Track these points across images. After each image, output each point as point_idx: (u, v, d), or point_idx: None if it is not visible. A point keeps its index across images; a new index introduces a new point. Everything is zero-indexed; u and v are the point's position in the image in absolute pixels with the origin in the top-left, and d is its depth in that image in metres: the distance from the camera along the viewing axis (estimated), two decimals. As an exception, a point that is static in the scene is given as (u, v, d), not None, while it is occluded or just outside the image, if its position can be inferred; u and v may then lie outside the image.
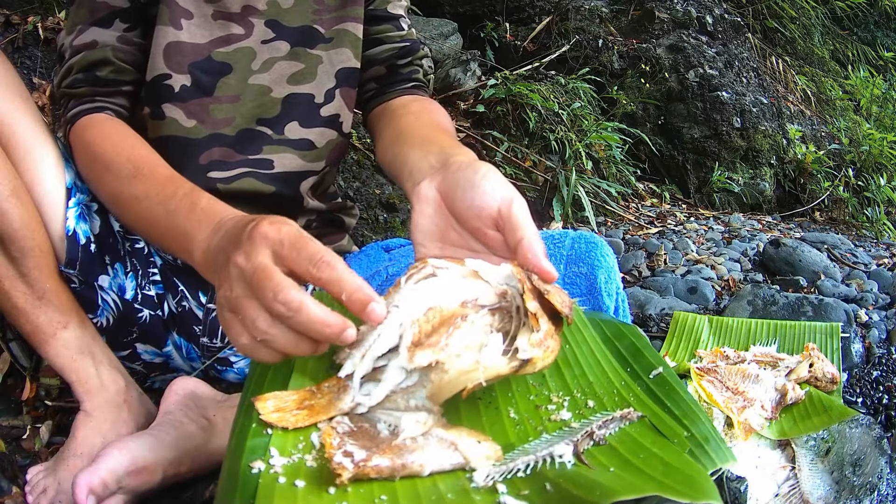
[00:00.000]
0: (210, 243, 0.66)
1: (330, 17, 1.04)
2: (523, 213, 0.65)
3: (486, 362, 0.54)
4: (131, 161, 0.85)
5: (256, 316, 0.55)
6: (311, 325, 0.54)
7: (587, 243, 0.92)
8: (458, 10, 3.35)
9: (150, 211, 0.79)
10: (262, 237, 0.57)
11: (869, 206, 3.74)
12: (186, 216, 0.73)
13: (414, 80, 1.11)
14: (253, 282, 0.55)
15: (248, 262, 0.56)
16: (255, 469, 0.50)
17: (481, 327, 0.57)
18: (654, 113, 3.46)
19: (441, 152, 0.77)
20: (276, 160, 1.02)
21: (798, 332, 1.35)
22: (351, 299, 0.54)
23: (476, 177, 0.68)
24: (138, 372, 1.07)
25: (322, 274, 0.55)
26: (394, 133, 0.96)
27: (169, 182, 0.81)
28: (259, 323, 0.55)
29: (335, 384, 0.58)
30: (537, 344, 0.56)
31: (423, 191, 0.72)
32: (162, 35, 0.95)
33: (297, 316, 0.53)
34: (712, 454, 0.53)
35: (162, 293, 1.05)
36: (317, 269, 0.55)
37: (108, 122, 0.93)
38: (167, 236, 0.77)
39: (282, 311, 0.54)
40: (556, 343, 0.58)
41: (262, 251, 0.56)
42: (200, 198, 0.75)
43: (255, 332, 0.55)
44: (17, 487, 0.94)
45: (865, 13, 5.52)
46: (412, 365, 0.54)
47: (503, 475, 0.50)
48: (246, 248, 0.57)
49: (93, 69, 0.94)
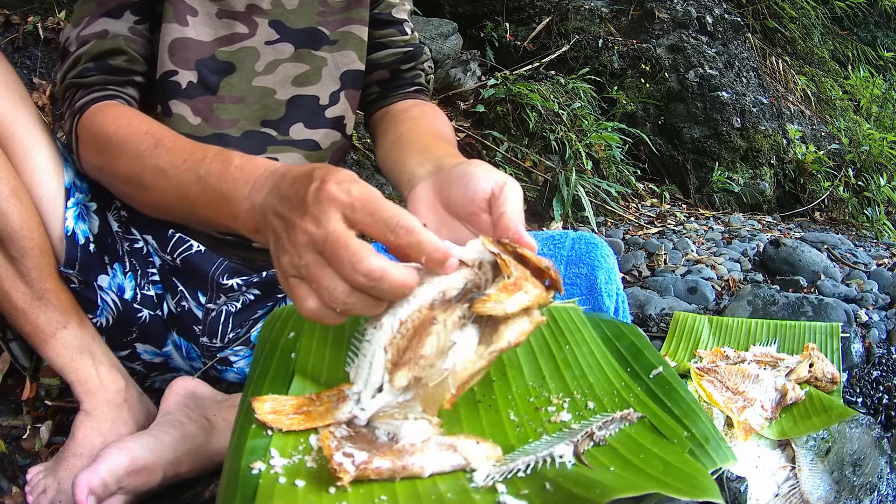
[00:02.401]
0: (254, 201, 0.63)
1: (335, 18, 1.04)
2: (514, 194, 0.64)
3: (457, 366, 0.53)
4: (150, 133, 0.81)
5: (334, 286, 0.53)
6: (394, 290, 0.52)
7: (587, 244, 0.92)
8: (458, 10, 3.35)
9: (179, 179, 0.76)
10: (330, 200, 0.53)
11: (869, 206, 3.74)
12: (220, 177, 0.69)
13: (416, 84, 1.11)
14: (327, 250, 0.53)
15: (318, 229, 0.53)
16: (255, 469, 0.50)
17: (453, 324, 0.55)
18: (654, 113, 3.46)
19: (437, 159, 0.77)
20: (280, 160, 1.02)
21: (798, 332, 1.35)
22: (433, 258, 0.53)
23: (470, 168, 0.68)
24: (138, 372, 1.07)
25: (401, 240, 0.53)
26: (393, 138, 0.96)
27: (195, 148, 0.77)
28: (337, 293, 0.53)
29: (335, 394, 0.58)
30: (504, 289, 0.53)
31: (417, 192, 0.72)
32: (168, 32, 0.94)
33: (379, 284, 0.52)
34: (712, 454, 0.53)
35: (161, 293, 1.05)
36: (394, 234, 0.53)
37: (121, 106, 0.91)
38: (202, 203, 0.73)
39: (362, 282, 0.52)
40: (535, 287, 0.55)
41: (333, 215, 0.53)
42: (233, 156, 0.71)
43: (333, 302, 0.53)
44: (17, 487, 0.94)
45: (865, 13, 5.52)
46: (395, 388, 0.54)
47: (503, 475, 0.50)
48: (314, 211, 0.54)
49: (105, 58, 0.91)
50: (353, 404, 0.56)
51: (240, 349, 1.07)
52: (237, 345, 1.06)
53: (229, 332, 1.04)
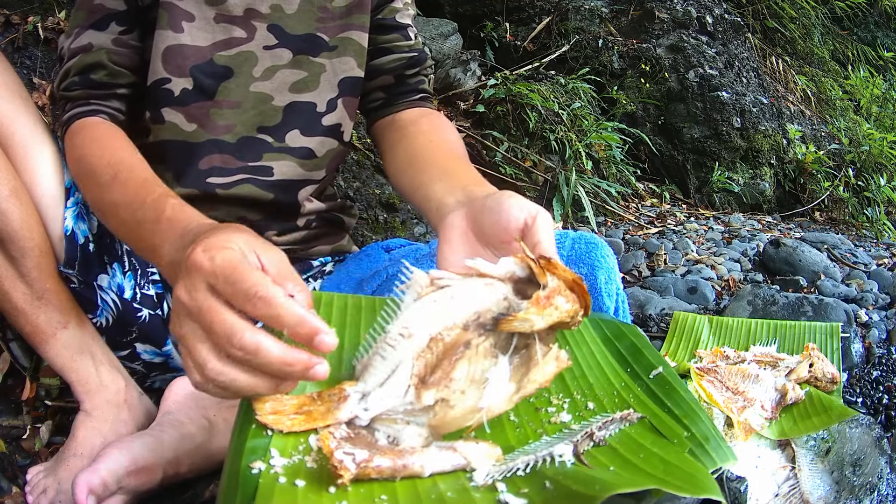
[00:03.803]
0: (172, 258, 0.64)
1: (334, 24, 1.03)
2: (546, 223, 0.66)
3: (491, 401, 0.53)
4: (111, 165, 0.83)
5: (207, 359, 0.51)
6: (270, 366, 0.50)
7: (587, 244, 0.92)
8: (458, 10, 3.35)
9: (123, 218, 0.77)
10: (196, 268, 0.52)
11: (869, 206, 3.74)
12: (153, 227, 0.70)
13: (421, 90, 1.10)
14: (202, 322, 0.51)
15: (190, 299, 0.52)
16: (255, 469, 0.50)
17: (485, 350, 0.55)
18: (654, 113, 3.46)
19: (465, 188, 0.78)
20: (275, 167, 1.02)
21: (798, 332, 1.35)
22: (296, 333, 0.50)
23: (503, 198, 0.69)
24: (138, 372, 1.07)
25: (258, 311, 0.50)
26: (408, 155, 0.95)
27: (141, 188, 0.78)
28: (210, 366, 0.51)
29: (336, 392, 0.58)
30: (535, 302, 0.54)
31: (449, 221, 0.72)
32: (161, 39, 0.94)
33: (255, 359, 0.50)
34: (712, 453, 0.53)
35: (161, 293, 1.05)
36: (253, 306, 0.50)
37: (100, 126, 0.92)
38: (139, 247, 0.75)
39: (238, 355, 0.50)
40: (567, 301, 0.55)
41: (199, 285, 0.52)
42: (166, 206, 0.71)
43: (209, 375, 0.51)
44: (17, 487, 0.94)
45: (865, 13, 5.52)
46: (420, 405, 0.53)
47: (503, 474, 0.50)
48: (185, 280, 0.53)
49: (87, 72, 0.93)
50: (355, 403, 0.56)
51: (240, 349, 1.07)
52: (237, 345, 1.06)
53: (229, 332, 1.04)
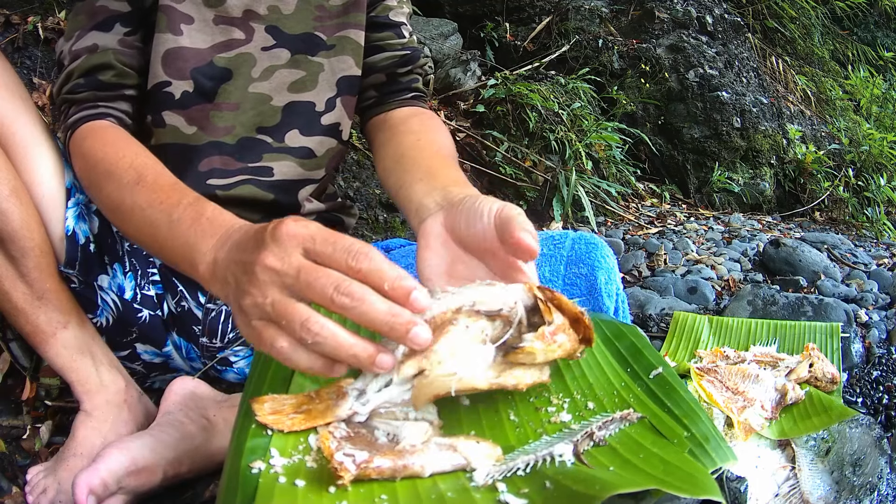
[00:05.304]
0: (217, 255, 0.64)
1: (332, 23, 1.03)
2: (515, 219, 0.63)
3: (465, 373, 0.53)
4: (134, 168, 0.82)
5: (307, 315, 0.52)
6: (377, 314, 0.51)
7: (587, 244, 0.92)
8: (458, 10, 3.35)
9: (152, 219, 0.77)
10: (290, 236, 0.54)
11: (869, 206, 3.74)
12: (191, 226, 0.70)
13: (413, 89, 1.09)
14: (299, 283, 0.52)
15: (283, 264, 0.53)
16: (255, 469, 0.50)
17: (475, 333, 0.56)
18: (654, 113, 3.46)
19: (444, 188, 0.77)
20: (275, 168, 1.02)
21: (798, 332, 1.35)
22: (393, 288, 0.52)
23: (476, 202, 0.68)
24: (138, 372, 1.07)
25: (361, 265, 0.52)
26: (395, 155, 0.95)
27: (173, 190, 0.78)
28: (313, 320, 0.52)
29: (334, 390, 0.58)
30: (541, 336, 0.55)
31: (428, 227, 0.72)
32: (161, 43, 0.94)
33: (361, 306, 0.51)
34: (712, 454, 0.53)
35: (161, 293, 1.05)
36: (355, 260, 0.52)
37: (111, 129, 0.91)
38: (169, 246, 0.74)
39: (346, 302, 0.51)
40: (568, 340, 0.57)
41: (294, 251, 0.54)
42: (206, 208, 0.72)
43: (306, 334, 0.52)
44: (17, 487, 0.94)
45: (865, 13, 5.52)
46: (401, 377, 0.54)
47: (503, 474, 0.50)
48: (274, 250, 0.54)
49: (94, 73, 0.91)
50: (354, 400, 0.56)
51: (240, 349, 1.07)
52: (237, 345, 1.06)
53: (229, 332, 1.04)
